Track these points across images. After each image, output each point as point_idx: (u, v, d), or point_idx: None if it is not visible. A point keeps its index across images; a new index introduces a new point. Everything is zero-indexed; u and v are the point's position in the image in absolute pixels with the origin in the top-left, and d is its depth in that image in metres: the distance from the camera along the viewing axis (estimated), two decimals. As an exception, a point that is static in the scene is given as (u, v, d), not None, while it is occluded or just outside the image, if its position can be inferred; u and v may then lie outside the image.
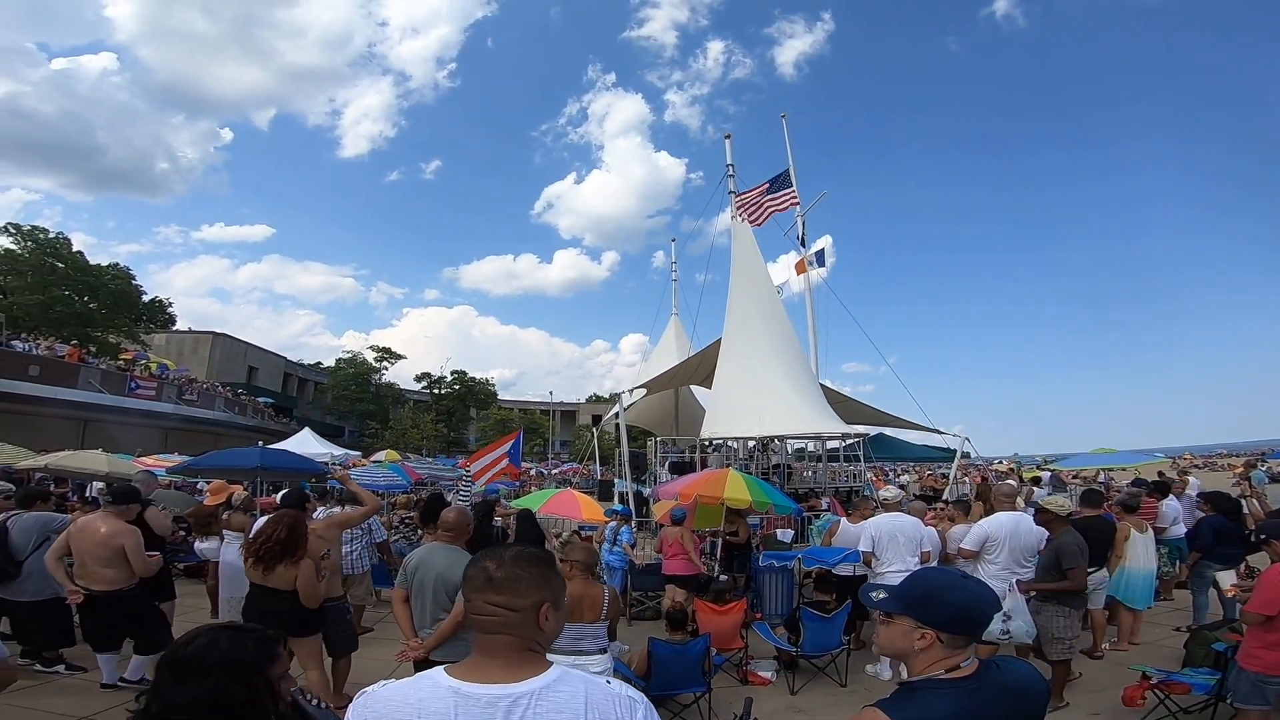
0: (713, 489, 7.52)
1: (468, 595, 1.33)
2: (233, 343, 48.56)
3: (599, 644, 3.85)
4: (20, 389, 22.93)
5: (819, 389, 14.38)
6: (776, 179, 17.24)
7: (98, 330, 35.35)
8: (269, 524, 4.32)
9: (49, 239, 35.87)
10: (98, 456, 11.23)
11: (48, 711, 4.51)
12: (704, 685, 4.93)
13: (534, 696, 1.21)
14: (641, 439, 21.89)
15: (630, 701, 1.27)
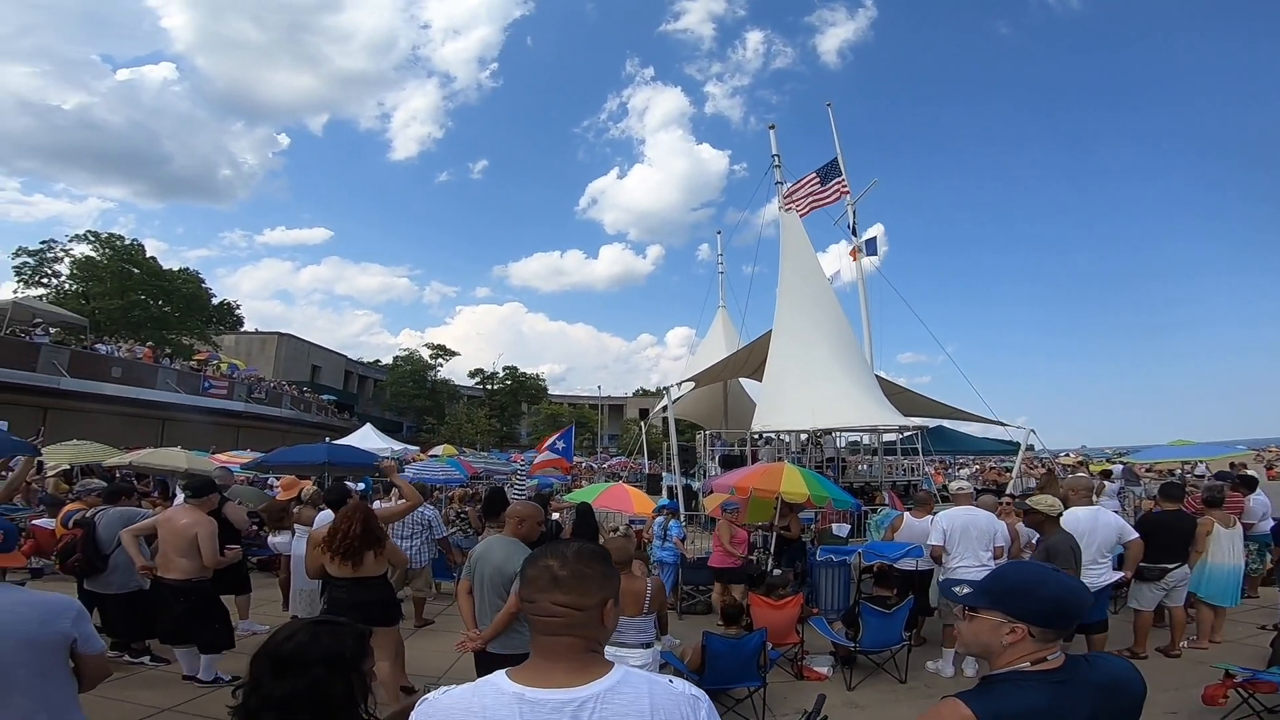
0: (769, 482, 7.43)
1: (531, 596, 1.29)
2: (297, 343, 50.62)
3: (642, 638, 3.86)
4: (104, 389, 24.38)
5: (874, 380, 14.04)
6: (825, 168, 16.93)
7: (172, 332, 37.36)
8: (343, 520, 4.45)
9: (125, 246, 38.08)
10: (177, 454, 11.85)
11: (134, 703, 4.62)
12: (759, 680, 4.92)
13: (599, 700, 1.19)
14: (689, 433, 21.83)
15: (694, 700, 1.25)
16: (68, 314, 28.95)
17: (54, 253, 36.96)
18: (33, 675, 2.19)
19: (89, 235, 37.88)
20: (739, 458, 14.78)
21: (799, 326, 14.20)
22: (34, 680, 2.19)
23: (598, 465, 35.00)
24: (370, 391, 59.32)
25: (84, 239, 37.54)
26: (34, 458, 5.01)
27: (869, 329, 17.06)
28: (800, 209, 16.54)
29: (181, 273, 41.09)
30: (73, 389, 22.95)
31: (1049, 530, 4.91)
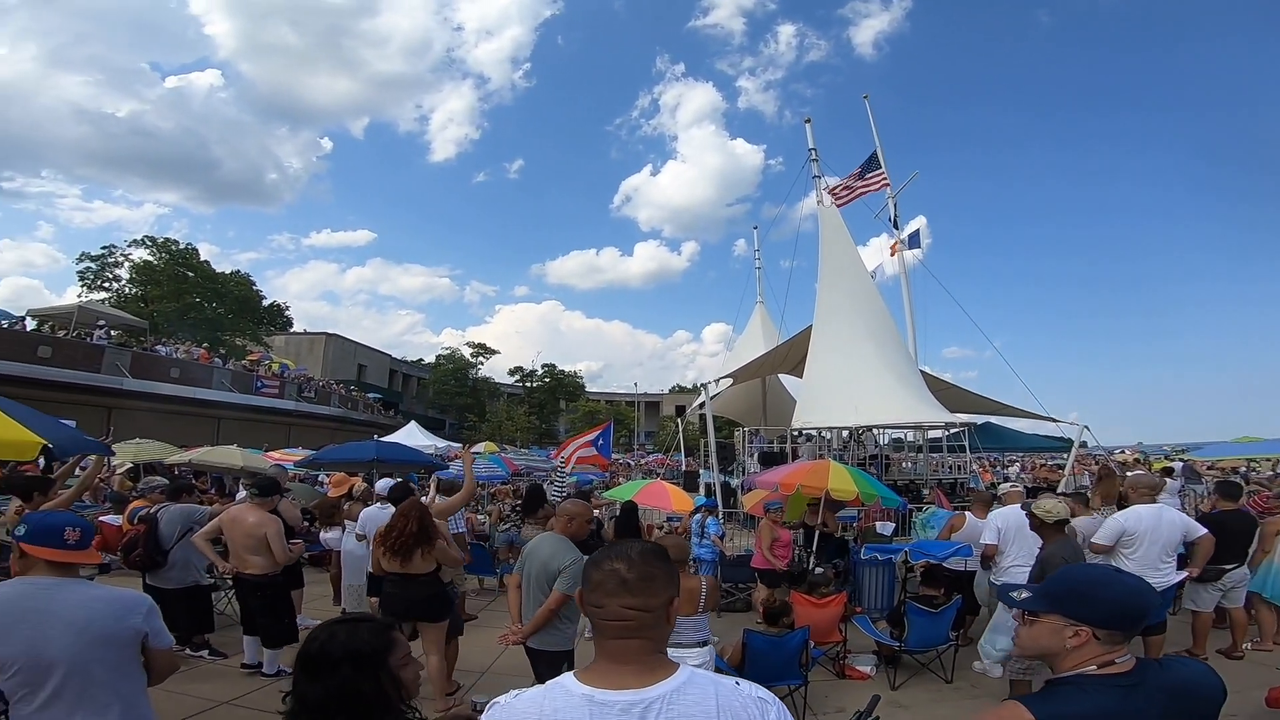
0: (816, 480, 7.35)
1: (599, 601, 1.28)
2: (343, 342, 52.07)
3: (698, 636, 3.88)
4: (163, 389, 25.46)
5: (919, 376, 13.74)
6: (867, 162, 16.70)
7: (226, 334, 38.81)
8: (399, 518, 4.63)
9: (180, 250, 39.72)
10: (233, 451, 12.32)
11: (196, 696, 4.72)
12: (800, 678, 4.90)
13: (665, 700, 1.19)
14: (727, 429, 21.70)
15: (762, 703, 1.24)
16: (129, 317, 30.33)
17: (114, 257, 38.82)
18: (108, 670, 2.25)
19: (146, 240, 39.69)
20: (778, 455, 14.66)
21: (840, 321, 13.98)
22: (109, 675, 2.25)
23: (634, 462, 35.15)
24: (414, 390, 60.63)
25: (141, 244, 39.35)
26: (105, 457, 5.28)
27: (912, 323, 16.75)
28: (839, 199, 16.34)
29: (233, 275, 42.73)
30: (134, 389, 24.02)
31: (1049, 537, 4.61)
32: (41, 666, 2.14)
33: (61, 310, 27.42)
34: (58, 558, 2.26)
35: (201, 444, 15.25)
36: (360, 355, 53.66)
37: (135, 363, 24.95)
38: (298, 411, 32.33)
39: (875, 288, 15.56)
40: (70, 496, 4.66)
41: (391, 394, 55.13)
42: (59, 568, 2.27)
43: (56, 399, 19.67)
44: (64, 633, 2.17)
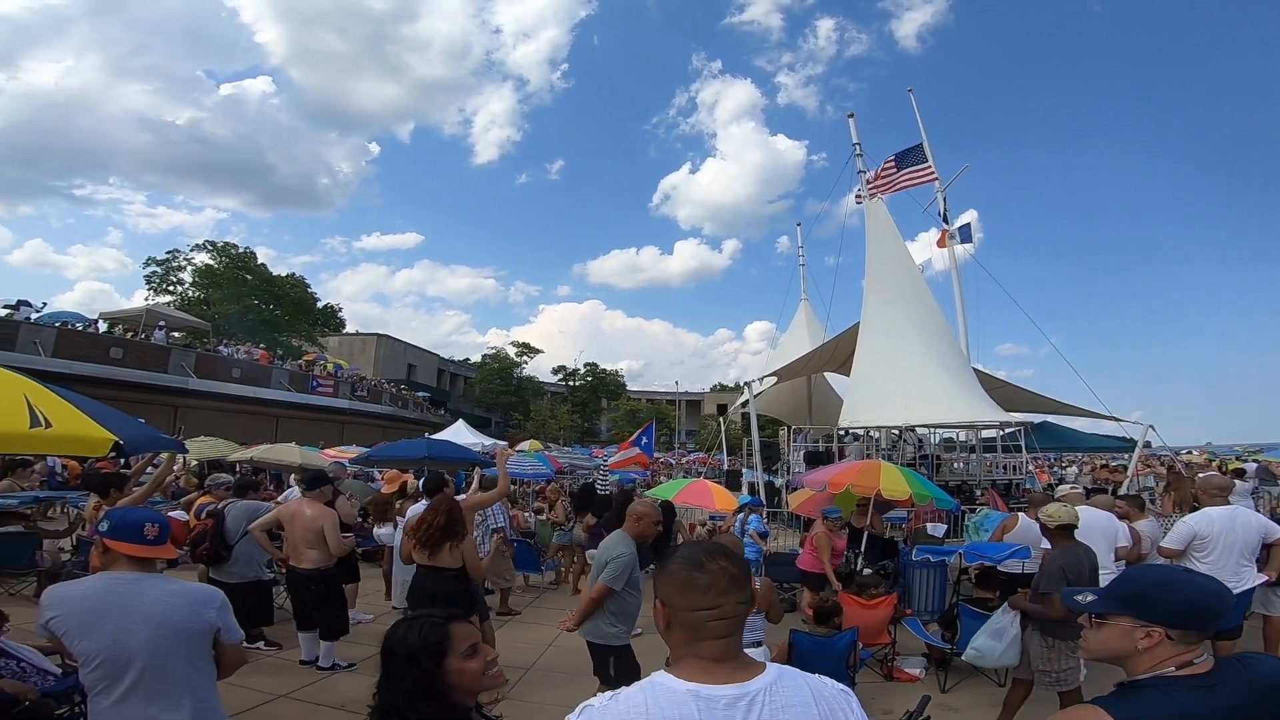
0: (867, 479, 7.22)
1: (714, 601, 1.27)
2: (394, 343, 53.51)
3: (752, 636, 3.88)
4: (226, 389, 26.60)
5: (972, 374, 13.38)
6: (906, 154, 16.35)
7: (283, 335, 40.27)
8: (429, 512, 4.73)
9: (239, 254, 41.46)
10: (291, 449, 12.73)
11: (254, 689, 4.72)
12: (847, 679, 4.82)
13: (767, 692, 1.21)
14: (771, 428, 21.49)
15: (845, 695, 1.30)
16: (193, 319, 31.76)
17: (178, 261, 40.76)
18: (183, 664, 2.30)
19: (207, 244, 41.61)
20: (824, 454, 14.46)
21: (889, 318, 13.71)
22: (183, 669, 2.30)
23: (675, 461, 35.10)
24: (461, 388, 61.86)
25: (203, 248, 41.23)
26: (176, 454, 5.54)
27: (964, 319, 16.32)
28: (883, 192, 16.04)
29: (289, 278, 44.31)
30: (199, 389, 25.17)
31: (1057, 543, 4.37)
32: (122, 660, 2.21)
33: (130, 313, 28.93)
34: (138, 553, 2.34)
35: (261, 442, 15.84)
36: (410, 355, 55.07)
37: (199, 363, 26.12)
38: (351, 410, 33.35)
39: (925, 283, 15.20)
40: (144, 493, 4.88)
41: (440, 393, 56.38)
42: (139, 562, 2.35)
43: (127, 398, 20.70)
44: (143, 627, 2.23)
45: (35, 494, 8.88)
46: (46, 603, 2.30)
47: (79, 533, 7.71)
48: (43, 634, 2.32)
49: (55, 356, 20.60)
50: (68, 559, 7.24)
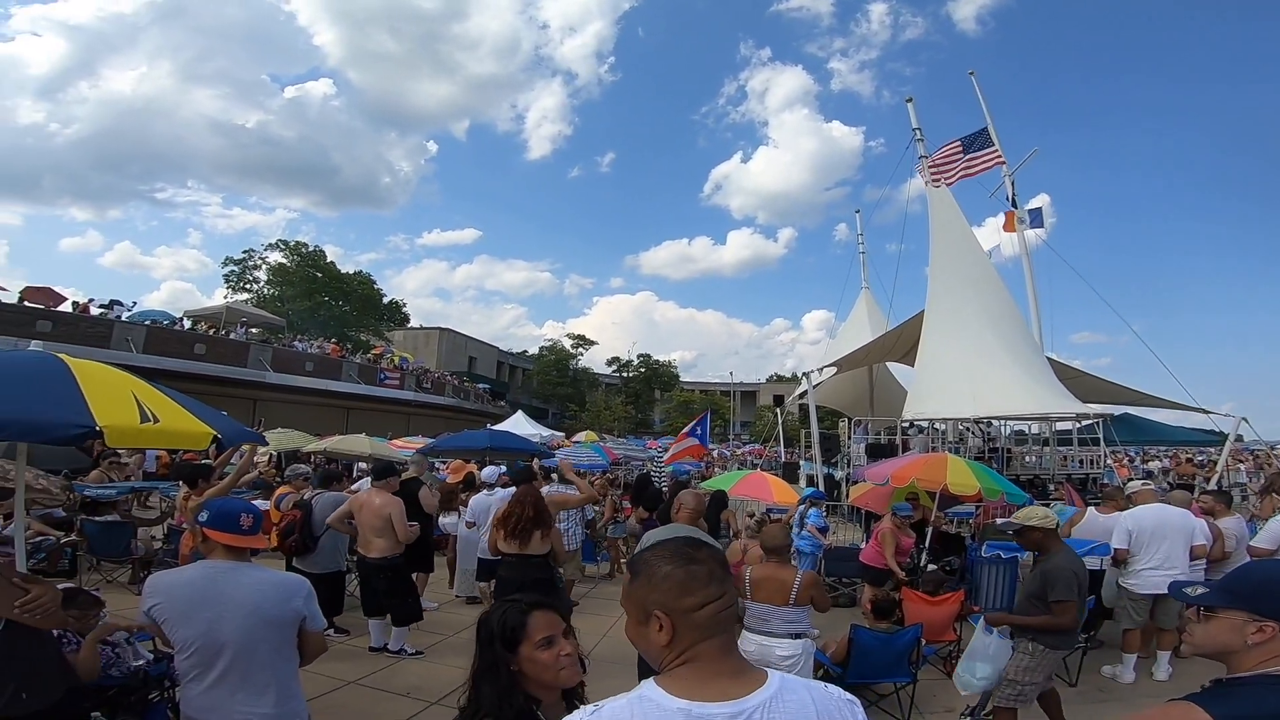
0: (932, 473, 7.01)
1: (716, 592, 1.20)
2: (455, 336, 55.03)
3: (790, 628, 3.83)
4: (301, 382, 27.89)
5: (1046, 363, 12.80)
6: (972, 138, 15.76)
7: (351, 330, 41.96)
8: (516, 504, 4.87)
9: (309, 252, 43.39)
10: (362, 440, 13.26)
11: (326, 675, 4.83)
12: (909, 676, 4.75)
13: (765, 708, 1.12)
14: (830, 420, 21.10)
15: (850, 704, 1.21)
16: (269, 316, 33.49)
17: (253, 261, 42.98)
18: (270, 651, 2.37)
19: (280, 244, 43.71)
20: (887, 447, 14.11)
21: (955, 306, 13.23)
22: (270, 656, 2.37)
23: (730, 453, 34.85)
24: (519, 380, 63.10)
25: (276, 247, 43.31)
26: (257, 445, 5.83)
27: (1036, 307, 15.59)
28: (948, 179, 15.47)
29: (356, 275, 46.17)
30: (275, 382, 26.48)
31: (1049, 548, 4.10)
32: (215, 647, 2.29)
33: (211, 311, 30.77)
34: (234, 542, 2.43)
35: (333, 433, 16.55)
36: (470, 348, 56.53)
37: (276, 358, 27.47)
38: (416, 402, 34.49)
39: (994, 270, 14.61)
40: (229, 483, 5.15)
41: (499, 384, 57.66)
42: (235, 551, 2.44)
43: (210, 392, 21.92)
44: (236, 614, 2.31)
45: (130, 484, 9.49)
46: (149, 590, 2.42)
47: (169, 521, 8.22)
48: (144, 620, 2.43)
49: (145, 353, 22.00)
50: (160, 547, 7.68)
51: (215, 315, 29.81)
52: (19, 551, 3.08)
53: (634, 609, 1.25)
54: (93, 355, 3.42)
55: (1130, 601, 5.50)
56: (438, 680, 5.05)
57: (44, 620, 2.31)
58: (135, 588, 6.96)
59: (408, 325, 52.77)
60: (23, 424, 2.43)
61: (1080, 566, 4.04)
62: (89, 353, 12.69)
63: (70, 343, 18.06)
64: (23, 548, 3.12)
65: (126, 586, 7.09)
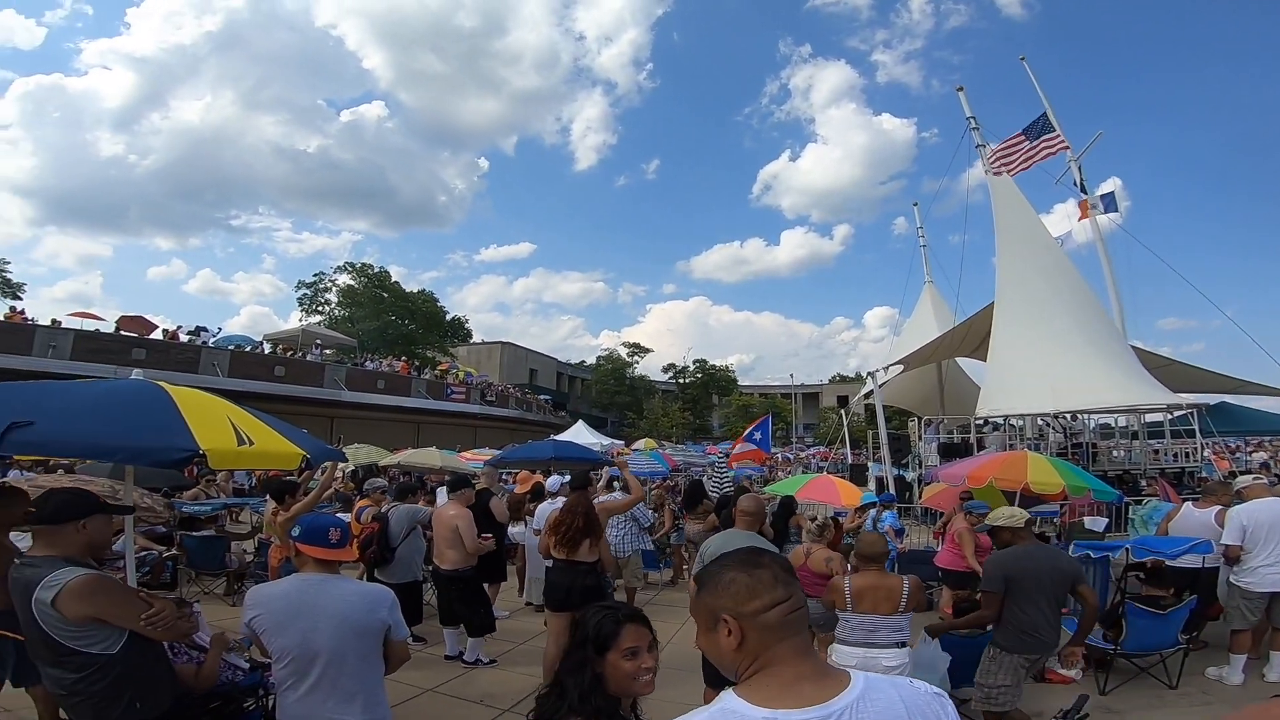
0: (1011, 472, 6.71)
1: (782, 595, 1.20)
2: (516, 349, 56.21)
3: (895, 637, 3.74)
4: (373, 400, 29.06)
5: (1131, 352, 12.11)
6: (1032, 125, 15.18)
7: (418, 347, 43.38)
8: (565, 513, 4.95)
9: (375, 273, 45.08)
10: (433, 453, 13.69)
11: (404, 683, 4.87)
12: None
13: (853, 710, 1.09)
14: (899, 420, 20.51)
15: (939, 698, 1.17)
16: (342, 336, 35.08)
17: (324, 283, 44.98)
18: (358, 660, 2.44)
19: (347, 266, 45.60)
20: (960, 446, 13.59)
21: (1027, 296, 12.69)
22: (358, 665, 2.44)
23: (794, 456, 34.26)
24: (579, 390, 63.84)
25: (344, 269, 45.22)
26: (337, 462, 6.09)
27: (1116, 294, 14.78)
28: (1010, 168, 14.93)
29: (420, 293, 47.73)
30: (350, 400, 27.69)
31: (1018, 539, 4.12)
32: (309, 657, 2.38)
33: (288, 334, 32.54)
34: (324, 555, 2.54)
35: (405, 447, 17.17)
36: (531, 360, 57.63)
37: (349, 377, 28.72)
38: (482, 415, 35.39)
39: (1066, 258, 13.97)
40: (314, 498, 5.38)
41: (560, 395, 58.50)
42: (325, 564, 2.55)
43: (290, 411, 23.07)
44: (328, 625, 2.39)
45: (224, 500, 10.08)
46: (249, 602, 2.54)
47: (260, 535, 8.66)
48: (245, 631, 2.55)
49: (230, 376, 23.37)
50: (251, 560, 8.03)
51: (292, 338, 31.47)
52: (129, 566, 3.31)
53: (702, 617, 1.26)
54: (183, 380, 3.66)
55: (1244, 600, 5.24)
56: (510, 688, 5.14)
57: (164, 633, 2.45)
58: (230, 599, 7.34)
59: (471, 341, 54.16)
60: (132, 449, 2.64)
61: (1017, 560, 3.93)
62: (180, 378, 13.52)
63: (163, 369, 19.39)
64: (132, 562, 3.36)
65: (221, 598, 7.46)
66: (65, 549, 2.42)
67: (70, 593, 2.25)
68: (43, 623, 2.28)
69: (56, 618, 2.26)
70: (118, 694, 2.33)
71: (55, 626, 2.27)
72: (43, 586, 2.26)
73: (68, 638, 2.28)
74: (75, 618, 2.27)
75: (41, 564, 2.35)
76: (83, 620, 2.28)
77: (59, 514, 2.45)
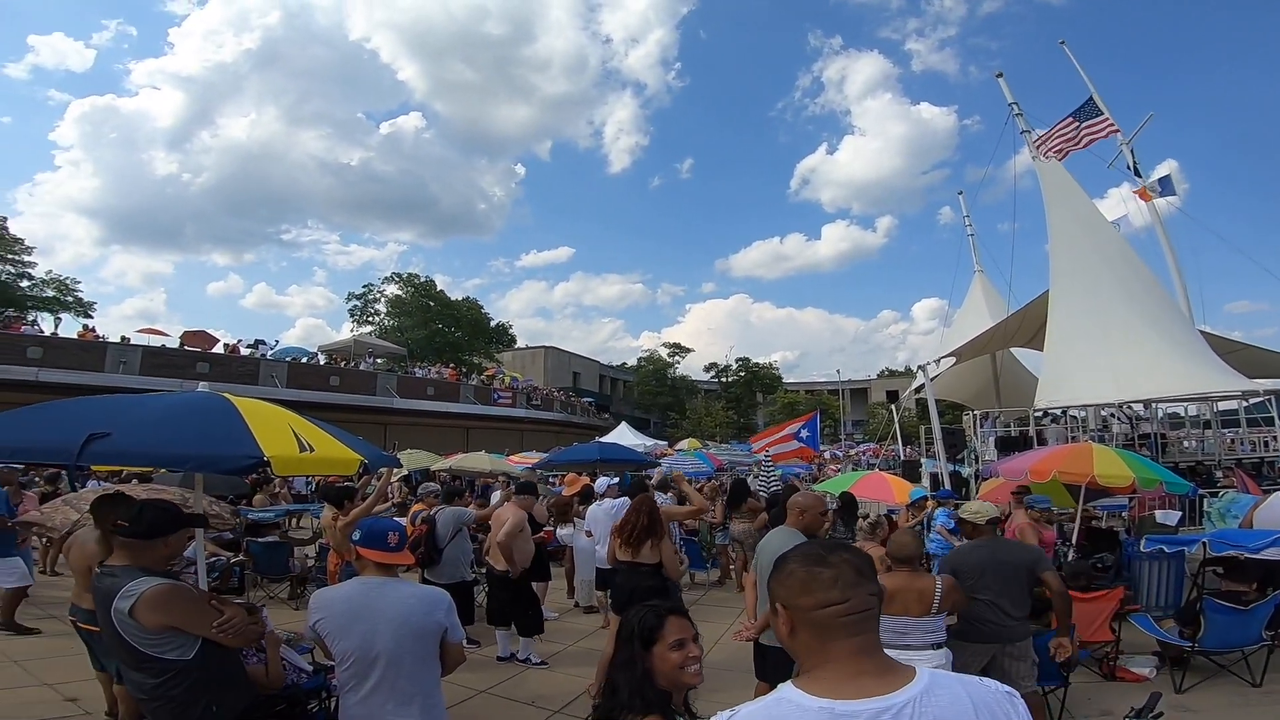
0: (1076, 465, 6.43)
1: (843, 595, 1.16)
2: (559, 353, 56.83)
3: (930, 639, 3.60)
4: (424, 406, 29.81)
5: (1200, 337, 11.51)
6: (1080, 110, 14.69)
7: (464, 354, 44.25)
8: (631, 513, 4.97)
9: (421, 283, 46.18)
10: (482, 457, 13.97)
11: (457, 685, 4.83)
12: (1059, 679, 4.43)
13: (916, 703, 1.07)
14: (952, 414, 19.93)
15: (1010, 696, 1.13)
16: (392, 346, 36.10)
17: (373, 294, 46.32)
18: (415, 662, 2.47)
19: (395, 276, 46.89)
20: (1018, 440, 13.12)
21: (1085, 282, 12.19)
22: (415, 667, 2.48)
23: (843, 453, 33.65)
24: (621, 392, 64.07)
25: (391, 280, 46.46)
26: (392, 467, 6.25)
27: (1180, 278, 14.10)
28: (1058, 154, 14.49)
29: (465, 301, 48.76)
30: (401, 407, 28.45)
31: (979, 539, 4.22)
32: (369, 659, 2.43)
33: (341, 344, 33.66)
34: (383, 559, 2.60)
35: (455, 451, 17.51)
36: (574, 364, 58.13)
37: (401, 385, 29.56)
38: (528, 418, 35.91)
39: (1125, 242, 13.42)
40: (371, 503, 5.56)
41: (602, 397, 58.82)
42: (384, 568, 2.61)
43: (345, 419, 23.72)
44: (387, 627, 2.43)
45: (286, 507, 10.47)
46: (314, 605, 2.61)
47: (320, 540, 8.95)
48: (310, 634, 2.62)
49: (288, 387, 24.27)
50: (312, 564, 8.24)
51: (345, 349, 32.53)
52: (200, 571, 3.45)
53: (770, 600, 1.28)
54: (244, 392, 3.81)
55: None
56: (560, 689, 5.20)
57: (235, 639, 2.51)
58: (293, 603, 7.60)
59: (515, 346, 54.96)
60: (202, 458, 2.76)
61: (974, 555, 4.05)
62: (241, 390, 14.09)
63: (225, 381, 20.19)
64: (204, 568, 3.50)
65: (285, 602, 7.73)
66: (145, 560, 2.47)
67: (146, 602, 2.31)
68: (122, 631, 2.34)
69: (135, 626, 2.32)
70: (194, 699, 2.39)
71: (134, 634, 2.34)
72: (121, 596, 2.32)
73: (146, 645, 2.35)
74: (152, 626, 2.33)
75: (120, 573, 2.41)
76: (159, 629, 2.34)
77: (153, 530, 2.50)
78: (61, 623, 5.17)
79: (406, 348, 38.33)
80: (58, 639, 5.72)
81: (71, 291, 34.50)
